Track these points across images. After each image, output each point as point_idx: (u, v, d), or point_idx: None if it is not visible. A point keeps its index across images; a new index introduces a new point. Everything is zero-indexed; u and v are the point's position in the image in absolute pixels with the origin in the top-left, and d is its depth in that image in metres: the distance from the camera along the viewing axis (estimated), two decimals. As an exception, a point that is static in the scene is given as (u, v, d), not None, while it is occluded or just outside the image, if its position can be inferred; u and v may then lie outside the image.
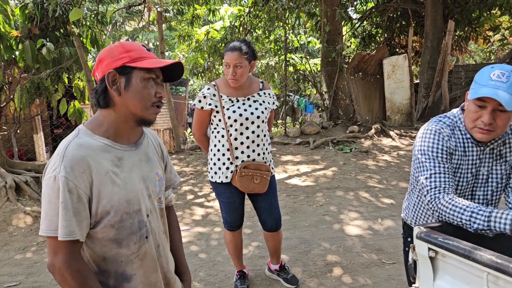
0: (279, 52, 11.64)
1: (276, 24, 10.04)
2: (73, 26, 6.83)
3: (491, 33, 11.48)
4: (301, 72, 11.21)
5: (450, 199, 1.54)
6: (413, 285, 1.48)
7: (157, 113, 1.34)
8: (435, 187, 1.60)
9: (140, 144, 1.40)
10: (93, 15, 7.40)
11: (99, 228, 1.25)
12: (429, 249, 1.35)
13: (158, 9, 9.82)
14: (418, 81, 9.93)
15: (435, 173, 1.62)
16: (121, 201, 1.26)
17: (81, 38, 6.64)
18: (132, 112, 1.30)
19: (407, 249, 1.94)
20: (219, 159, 2.69)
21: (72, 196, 1.17)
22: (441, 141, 1.65)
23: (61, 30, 6.64)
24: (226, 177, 2.67)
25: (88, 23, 7.16)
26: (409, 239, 1.94)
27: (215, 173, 2.72)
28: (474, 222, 1.44)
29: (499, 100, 1.43)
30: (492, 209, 1.43)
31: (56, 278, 1.21)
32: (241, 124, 2.61)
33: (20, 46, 5.74)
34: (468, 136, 1.65)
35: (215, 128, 2.71)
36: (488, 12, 10.00)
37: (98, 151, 1.25)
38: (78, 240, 1.20)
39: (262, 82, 2.78)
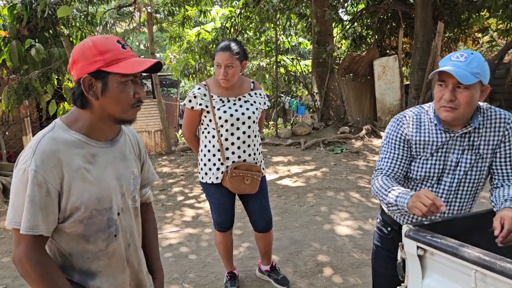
0: (270, 53, 11.64)
1: (267, 25, 10.04)
2: (62, 27, 6.78)
3: (480, 35, 11.58)
4: (292, 73, 11.22)
5: (384, 179, 1.69)
6: (402, 283, 1.48)
7: (136, 113, 1.32)
8: (380, 169, 1.76)
9: (116, 142, 1.37)
10: (83, 16, 7.34)
11: (68, 223, 1.23)
12: (418, 247, 1.35)
13: (149, 10, 9.78)
14: (408, 82, 10.00)
15: (384, 157, 1.77)
16: (91, 198, 1.24)
17: (71, 39, 6.58)
18: (110, 115, 1.28)
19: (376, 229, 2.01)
20: (209, 160, 2.67)
21: (41, 190, 1.16)
22: (398, 128, 1.76)
23: (50, 31, 6.59)
24: (217, 177, 2.66)
25: (78, 24, 7.11)
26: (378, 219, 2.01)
27: (206, 174, 2.70)
28: (387, 196, 1.60)
29: (452, 73, 1.51)
30: (408, 190, 1.56)
31: (19, 270, 1.20)
32: (232, 125, 2.59)
33: (8, 47, 5.67)
34: (435, 122, 1.70)
35: (205, 129, 2.69)
36: (477, 14, 10.09)
37: (71, 147, 1.23)
38: (42, 235, 1.18)
39: (253, 83, 2.77)
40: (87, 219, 1.25)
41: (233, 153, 2.63)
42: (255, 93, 2.72)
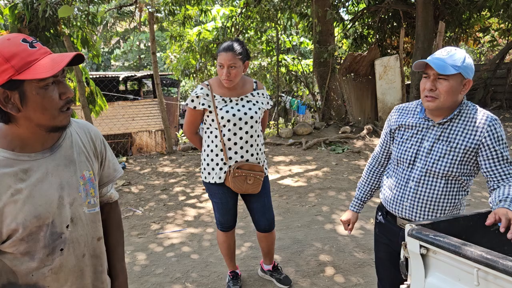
0: (271, 53, 11.65)
1: (268, 24, 10.05)
2: (63, 26, 6.78)
3: (481, 35, 11.58)
4: (293, 73, 11.23)
5: (365, 174, 2.21)
6: (405, 282, 1.49)
7: (68, 116, 1.19)
8: (374, 153, 2.16)
9: (57, 148, 1.24)
10: (83, 16, 7.35)
11: (7, 244, 1.15)
12: (421, 246, 1.36)
13: (150, 10, 9.79)
14: (409, 82, 10.00)
15: (378, 144, 2.12)
16: (28, 218, 1.15)
17: (72, 39, 6.59)
18: (39, 125, 1.15)
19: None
20: (212, 160, 2.68)
21: None
22: (389, 119, 2.00)
23: (51, 31, 6.60)
24: (220, 177, 2.67)
25: (78, 23, 7.11)
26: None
27: (208, 173, 2.71)
28: (357, 188, 2.26)
29: (429, 63, 1.67)
30: (363, 196, 2.22)
31: None
32: (234, 125, 2.60)
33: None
34: (418, 110, 1.88)
35: (208, 128, 2.70)
36: (478, 14, 10.09)
37: None
38: None
39: (255, 82, 2.77)
40: (28, 236, 1.16)
41: (235, 153, 2.64)
42: (258, 93, 2.73)
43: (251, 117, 2.62)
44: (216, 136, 2.64)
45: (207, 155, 2.70)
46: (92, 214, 1.33)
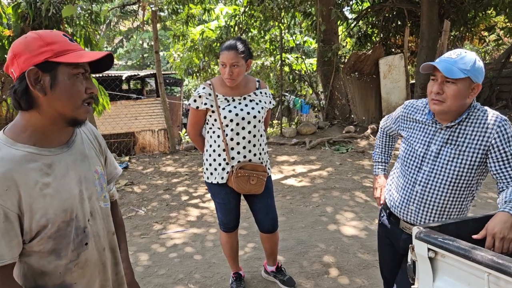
0: (274, 52, 11.62)
1: (272, 23, 10.01)
2: (66, 25, 6.77)
3: (486, 33, 11.50)
4: (297, 72, 11.18)
5: (380, 140, 2.21)
6: (412, 286, 1.46)
7: (88, 111, 1.21)
8: (381, 126, 2.19)
9: (73, 143, 1.27)
10: (86, 14, 7.34)
11: (35, 241, 1.15)
12: (429, 249, 1.33)
13: (153, 9, 9.78)
14: (414, 81, 9.94)
15: (386, 118, 2.15)
16: (57, 212, 1.16)
17: (75, 38, 6.58)
18: (61, 113, 1.16)
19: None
20: (214, 160, 2.65)
21: None
22: (402, 110, 1.98)
23: (54, 30, 6.59)
24: (222, 178, 2.63)
25: (81, 23, 7.10)
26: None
27: (211, 174, 2.68)
28: (374, 155, 2.26)
29: (437, 66, 1.64)
30: (387, 157, 2.22)
31: None
32: (237, 124, 2.57)
33: (12, 46, 5.67)
34: (426, 112, 1.84)
35: (210, 128, 2.67)
36: (483, 12, 10.02)
37: (22, 163, 1.12)
38: (8, 264, 1.10)
39: (258, 81, 2.74)
40: (55, 233, 1.17)
41: (238, 153, 2.61)
42: (261, 92, 2.70)
43: (254, 117, 2.59)
44: (218, 136, 2.61)
45: (210, 155, 2.67)
46: (106, 208, 1.37)
